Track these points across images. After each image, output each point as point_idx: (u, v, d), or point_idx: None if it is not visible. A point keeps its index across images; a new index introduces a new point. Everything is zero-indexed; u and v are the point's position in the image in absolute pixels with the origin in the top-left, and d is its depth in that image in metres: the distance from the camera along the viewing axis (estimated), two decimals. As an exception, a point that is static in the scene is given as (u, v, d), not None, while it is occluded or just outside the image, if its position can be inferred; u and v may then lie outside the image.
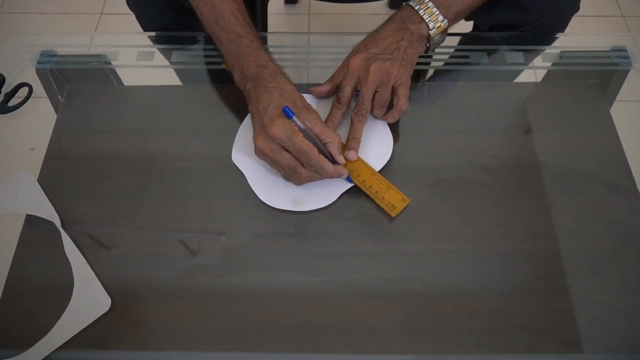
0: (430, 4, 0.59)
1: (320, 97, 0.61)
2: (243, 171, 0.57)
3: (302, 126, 0.51)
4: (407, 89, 0.57)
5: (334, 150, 0.53)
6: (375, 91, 0.57)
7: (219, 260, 0.52)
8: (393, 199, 0.54)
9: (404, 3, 0.62)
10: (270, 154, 0.52)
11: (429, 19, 0.59)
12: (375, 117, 0.60)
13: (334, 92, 0.60)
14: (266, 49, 0.58)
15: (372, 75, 0.55)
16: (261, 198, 0.55)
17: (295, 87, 0.55)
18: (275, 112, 0.51)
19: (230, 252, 0.53)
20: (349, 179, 0.55)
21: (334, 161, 0.54)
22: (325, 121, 0.58)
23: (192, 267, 0.52)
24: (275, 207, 0.55)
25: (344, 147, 0.57)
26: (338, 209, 0.55)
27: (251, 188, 0.56)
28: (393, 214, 0.54)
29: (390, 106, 0.58)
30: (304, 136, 0.51)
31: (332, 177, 0.54)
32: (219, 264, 0.52)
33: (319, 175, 0.53)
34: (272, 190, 0.56)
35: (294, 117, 0.51)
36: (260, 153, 0.53)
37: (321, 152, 0.53)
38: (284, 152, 0.51)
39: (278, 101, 0.52)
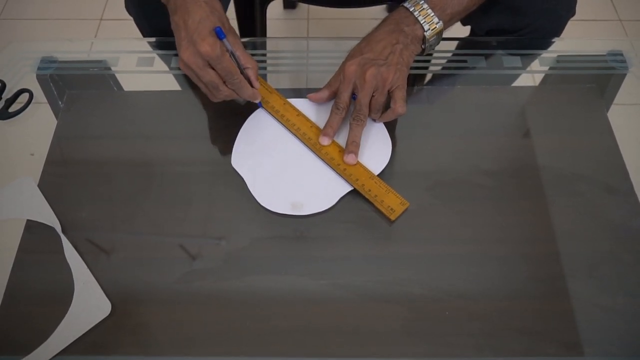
0: (424, 5, 0.59)
1: (318, 102, 0.62)
2: (242, 175, 0.57)
3: (230, 48, 0.55)
4: (404, 91, 0.58)
5: (252, 75, 0.58)
6: (372, 96, 0.57)
7: (219, 264, 0.52)
8: (392, 202, 0.55)
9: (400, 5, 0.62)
10: (195, 69, 0.55)
11: (423, 21, 0.58)
12: (373, 120, 0.60)
13: (332, 97, 0.60)
14: None
15: (368, 82, 0.56)
16: (260, 202, 0.55)
17: (222, 6, 0.57)
18: (206, 30, 0.53)
19: (230, 256, 0.53)
20: (260, 105, 0.61)
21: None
22: (325, 126, 0.59)
23: (192, 271, 0.52)
24: (275, 211, 0.55)
25: (344, 151, 0.57)
26: (337, 212, 0.55)
27: (250, 192, 0.56)
28: (392, 218, 0.54)
29: (387, 107, 0.59)
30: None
31: (249, 98, 0.59)
32: (218, 267, 0.52)
33: (236, 95, 0.58)
34: (272, 195, 0.56)
35: (224, 40, 0.54)
36: (184, 66, 0.56)
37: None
38: (209, 69, 0.55)
39: (210, 19, 0.54)
